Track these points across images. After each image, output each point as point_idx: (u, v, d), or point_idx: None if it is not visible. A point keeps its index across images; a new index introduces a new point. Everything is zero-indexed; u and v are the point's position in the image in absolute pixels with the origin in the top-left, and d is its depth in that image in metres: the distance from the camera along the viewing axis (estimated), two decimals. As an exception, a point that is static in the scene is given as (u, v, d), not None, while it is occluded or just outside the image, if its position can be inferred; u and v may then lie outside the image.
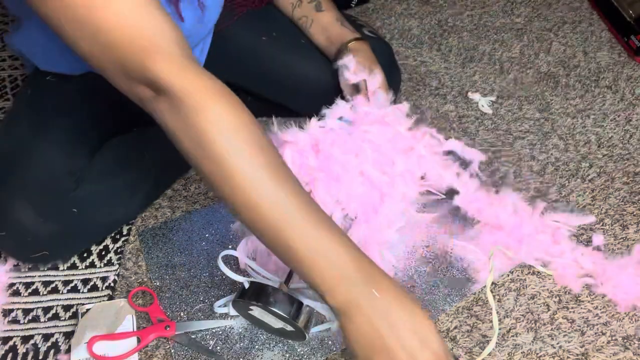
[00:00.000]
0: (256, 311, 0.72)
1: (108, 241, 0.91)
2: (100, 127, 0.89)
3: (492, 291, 0.83)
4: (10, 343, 0.79)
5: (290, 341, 0.77)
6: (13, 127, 0.86)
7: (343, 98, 0.88)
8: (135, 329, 0.79)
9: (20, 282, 0.86)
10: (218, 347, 0.77)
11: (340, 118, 0.84)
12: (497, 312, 0.81)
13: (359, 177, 0.78)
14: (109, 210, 0.87)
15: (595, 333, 0.78)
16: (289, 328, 0.71)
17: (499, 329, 0.79)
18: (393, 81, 0.94)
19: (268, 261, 0.84)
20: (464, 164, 0.91)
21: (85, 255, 0.89)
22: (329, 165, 0.77)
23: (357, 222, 0.79)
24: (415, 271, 0.85)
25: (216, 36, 0.97)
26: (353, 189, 0.78)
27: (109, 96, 0.94)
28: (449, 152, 0.90)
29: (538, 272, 0.85)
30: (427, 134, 0.87)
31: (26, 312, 0.82)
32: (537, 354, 0.76)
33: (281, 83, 1.00)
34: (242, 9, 0.97)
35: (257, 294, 0.70)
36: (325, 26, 0.95)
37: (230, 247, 0.90)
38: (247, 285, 0.71)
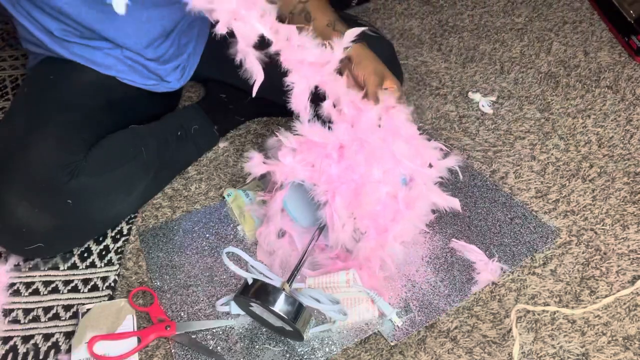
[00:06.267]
0: (257, 308, 0.73)
1: (108, 241, 0.92)
2: (96, 123, 0.89)
3: (492, 291, 0.84)
4: (11, 343, 0.79)
5: (290, 340, 0.77)
6: (9, 122, 0.87)
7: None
8: (135, 329, 0.79)
9: (20, 282, 0.86)
10: (218, 347, 0.77)
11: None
12: (497, 313, 0.81)
13: (378, 193, 0.76)
14: (105, 205, 0.87)
15: (596, 333, 0.78)
16: (288, 328, 0.72)
17: (499, 329, 0.79)
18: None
19: (272, 261, 0.84)
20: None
21: (85, 255, 0.90)
22: (350, 175, 0.75)
23: (367, 238, 0.78)
24: (415, 271, 0.85)
25: (212, 36, 0.97)
26: (370, 205, 0.75)
27: (107, 93, 0.94)
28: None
29: (538, 272, 0.85)
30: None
31: (26, 312, 0.82)
32: (537, 354, 0.76)
33: (281, 82, 1.00)
34: None
35: (259, 292, 0.70)
36: (321, 34, 0.94)
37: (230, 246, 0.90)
38: (250, 282, 0.72)
